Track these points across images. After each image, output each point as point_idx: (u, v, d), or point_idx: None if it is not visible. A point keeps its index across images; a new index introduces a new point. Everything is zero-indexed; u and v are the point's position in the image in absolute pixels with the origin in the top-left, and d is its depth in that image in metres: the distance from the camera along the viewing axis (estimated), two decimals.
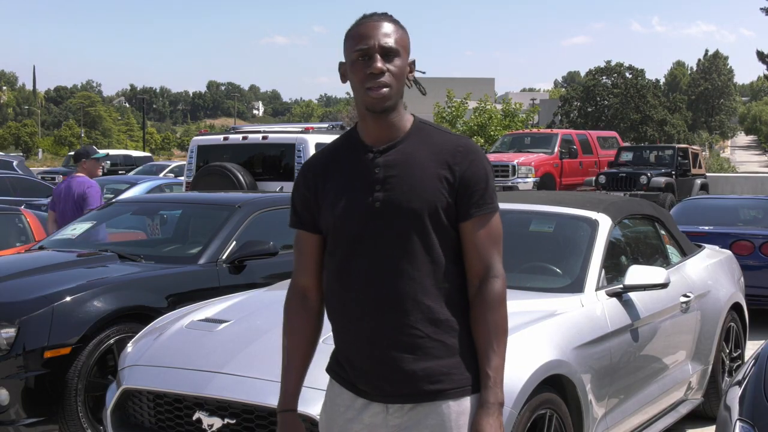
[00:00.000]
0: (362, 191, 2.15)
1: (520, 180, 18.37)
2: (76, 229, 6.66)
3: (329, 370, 2.29)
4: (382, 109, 2.12)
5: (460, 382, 2.12)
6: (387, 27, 2.12)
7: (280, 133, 11.45)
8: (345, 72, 2.18)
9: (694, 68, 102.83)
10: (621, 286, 4.27)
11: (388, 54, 2.10)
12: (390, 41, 2.10)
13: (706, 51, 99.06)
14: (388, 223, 2.11)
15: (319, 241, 2.26)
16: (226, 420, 3.47)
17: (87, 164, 7.52)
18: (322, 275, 2.27)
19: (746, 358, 5.42)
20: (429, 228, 2.11)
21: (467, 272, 2.17)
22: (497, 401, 2.10)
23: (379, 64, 2.08)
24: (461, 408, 2.12)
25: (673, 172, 18.57)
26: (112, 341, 4.82)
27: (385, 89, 2.09)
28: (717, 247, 6.40)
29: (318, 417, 3.19)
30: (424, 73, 2.42)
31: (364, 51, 2.10)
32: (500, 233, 2.19)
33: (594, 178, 18.92)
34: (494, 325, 2.12)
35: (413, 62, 2.20)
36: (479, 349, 2.13)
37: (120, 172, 28.35)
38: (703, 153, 35.54)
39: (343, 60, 2.18)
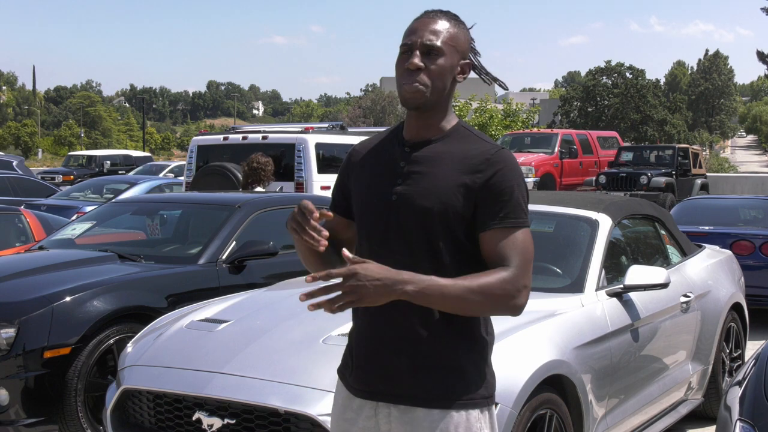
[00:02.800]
0: (385, 183, 2.13)
1: None
2: (76, 229, 6.65)
3: (339, 369, 2.27)
4: (414, 106, 2.09)
5: (455, 392, 2.05)
6: (439, 24, 2.09)
7: (280, 133, 11.45)
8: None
9: (695, 68, 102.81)
10: (621, 286, 4.27)
11: (429, 52, 2.06)
12: (434, 39, 2.06)
13: (707, 51, 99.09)
14: (401, 218, 2.09)
15: (343, 223, 2.24)
16: (226, 420, 3.46)
17: None
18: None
19: (746, 358, 5.42)
20: (438, 230, 2.06)
21: None
22: (401, 278, 1.90)
23: (416, 60, 2.05)
24: (454, 420, 2.05)
25: (674, 172, 18.57)
26: (112, 341, 4.82)
27: (417, 85, 2.06)
28: (717, 247, 6.40)
29: (319, 417, 3.21)
30: (506, 89, 2.37)
31: (407, 46, 2.08)
32: (528, 248, 2.04)
33: (594, 178, 18.92)
34: (476, 278, 1.96)
35: (467, 64, 2.15)
36: None
37: (120, 172, 28.35)
38: (704, 153, 35.58)
39: None
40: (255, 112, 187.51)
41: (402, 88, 2.08)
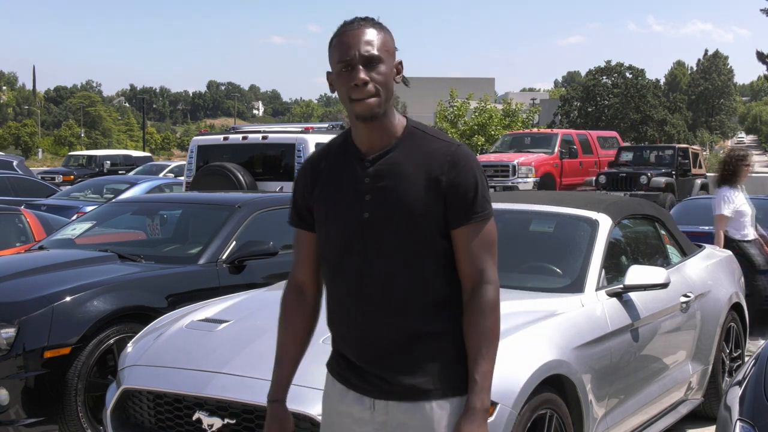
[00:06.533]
0: (352, 201, 2.16)
1: (520, 180, 18.38)
2: (76, 229, 6.66)
3: (328, 364, 2.33)
4: (371, 117, 2.11)
5: (445, 383, 2.14)
6: (368, 34, 2.10)
7: (280, 133, 11.45)
8: (332, 81, 2.17)
9: (694, 68, 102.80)
10: (621, 286, 4.27)
11: (370, 62, 2.08)
12: (372, 49, 2.08)
13: (706, 51, 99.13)
14: (377, 234, 2.13)
15: (316, 238, 2.28)
16: (226, 420, 3.47)
17: None
18: (320, 272, 2.31)
19: (746, 358, 5.42)
20: (416, 239, 2.12)
21: (461, 278, 2.17)
22: (483, 407, 2.10)
23: (362, 75, 2.07)
24: (444, 410, 2.14)
25: (674, 172, 18.57)
26: (112, 341, 4.82)
27: (370, 99, 2.09)
28: (717, 247, 6.40)
29: (318, 417, 3.21)
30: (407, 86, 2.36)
31: (346, 62, 2.09)
32: (494, 239, 2.18)
33: (594, 178, 18.93)
34: (485, 330, 2.11)
35: (400, 63, 2.18)
36: (469, 353, 2.12)
37: (120, 172, 28.35)
38: (704, 153, 35.56)
39: (330, 70, 2.16)
40: (255, 112, 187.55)
41: (354, 105, 2.10)
